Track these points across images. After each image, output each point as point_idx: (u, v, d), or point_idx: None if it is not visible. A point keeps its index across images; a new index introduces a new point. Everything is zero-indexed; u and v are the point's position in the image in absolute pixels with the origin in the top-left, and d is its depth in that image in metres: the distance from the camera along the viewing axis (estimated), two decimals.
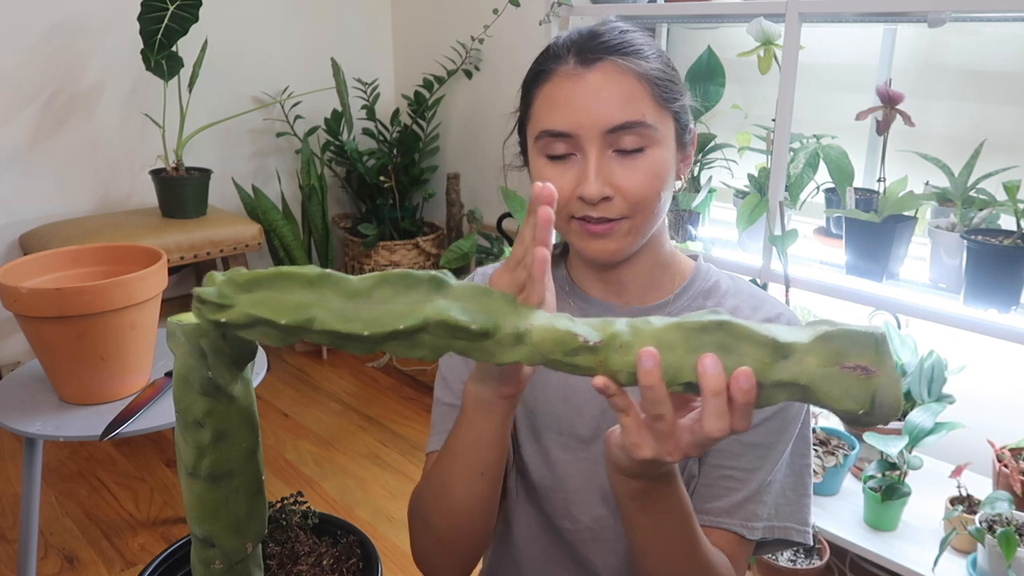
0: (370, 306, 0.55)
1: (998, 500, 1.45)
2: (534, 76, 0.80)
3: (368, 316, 0.54)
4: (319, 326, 0.54)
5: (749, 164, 1.92)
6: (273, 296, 0.55)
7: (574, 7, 2.01)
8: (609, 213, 0.76)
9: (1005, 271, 1.43)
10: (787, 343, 0.53)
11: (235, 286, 0.55)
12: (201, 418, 0.62)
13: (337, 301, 0.55)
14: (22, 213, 2.55)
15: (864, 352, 0.52)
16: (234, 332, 0.56)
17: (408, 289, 0.55)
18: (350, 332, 0.54)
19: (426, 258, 3.03)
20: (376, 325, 0.54)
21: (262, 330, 0.55)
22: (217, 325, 0.55)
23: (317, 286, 0.55)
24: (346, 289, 0.55)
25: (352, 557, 0.81)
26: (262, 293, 0.55)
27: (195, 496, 0.65)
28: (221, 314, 0.55)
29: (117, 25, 2.57)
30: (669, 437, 0.56)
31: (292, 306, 0.54)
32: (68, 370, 1.35)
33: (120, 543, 1.96)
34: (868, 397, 0.51)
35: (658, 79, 0.77)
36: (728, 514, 0.80)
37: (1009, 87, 1.72)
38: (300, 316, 0.54)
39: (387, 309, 0.54)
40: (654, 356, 0.53)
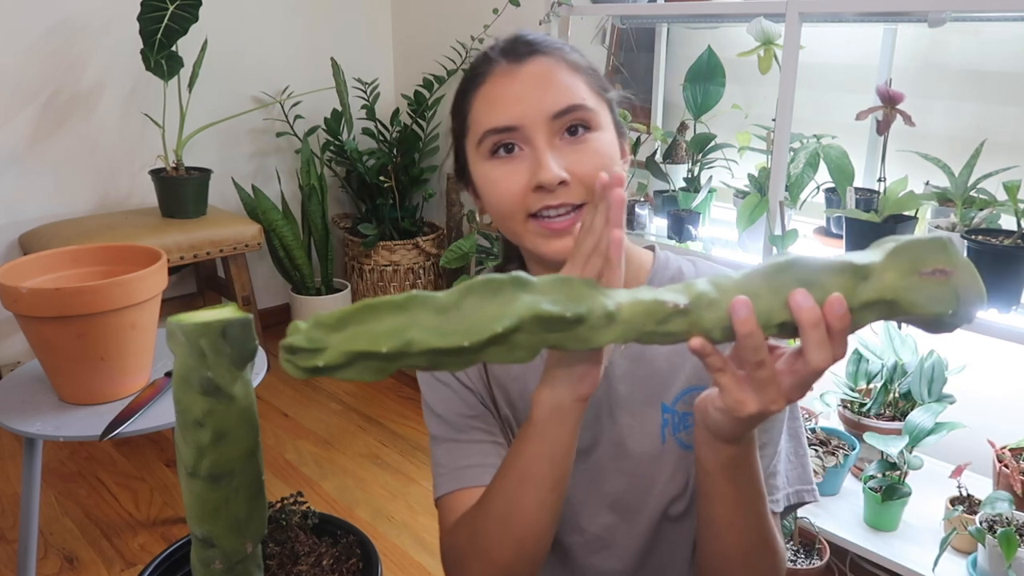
0: (462, 317, 0.54)
1: (998, 500, 1.45)
2: (467, 85, 0.80)
3: (463, 327, 0.54)
4: (418, 347, 0.53)
5: (749, 164, 1.92)
6: (365, 329, 0.54)
7: (574, 7, 2.01)
8: (569, 198, 0.75)
9: (1005, 271, 1.43)
10: (863, 264, 0.54)
11: (324, 328, 0.55)
12: (201, 418, 0.62)
13: (429, 319, 0.54)
14: (22, 213, 2.55)
15: (937, 256, 0.53)
16: (332, 374, 0.55)
17: (493, 294, 0.55)
18: (451, 346, 0.53)
19: (426, 258, 3.03)
20: (474, 334, 0.54)
21: (362, 365, 0.54)
22: (314, 371, 0.54)
23: (406, 309, 0.54)
24: (435, 306, 0.55)
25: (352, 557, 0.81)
26: (353, 329, 0.54)
27: (195, 496, 0.65)
28: (317, 359, 0.54)
29: (117, 25, 2.57)
30: (771, 384, 0.57)
31: (387, 333, 0.54)
32: (68, 370, 1.35)
33: (120, 543, 1.96)
34: (953, 296, 0.53)
35: (588, 69, 0.79)
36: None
37: (1009, 87, 1.72)
38: (399, 341, 0.53)
39: (480, 316, 0.54)
40: (747, 304, 0.54)
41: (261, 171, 3.07)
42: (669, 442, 0.82)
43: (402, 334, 0.53)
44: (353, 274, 3.07)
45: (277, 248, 2.86)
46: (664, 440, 0.82)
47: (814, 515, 1.66)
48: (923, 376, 1.68)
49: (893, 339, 1.77)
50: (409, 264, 3.00)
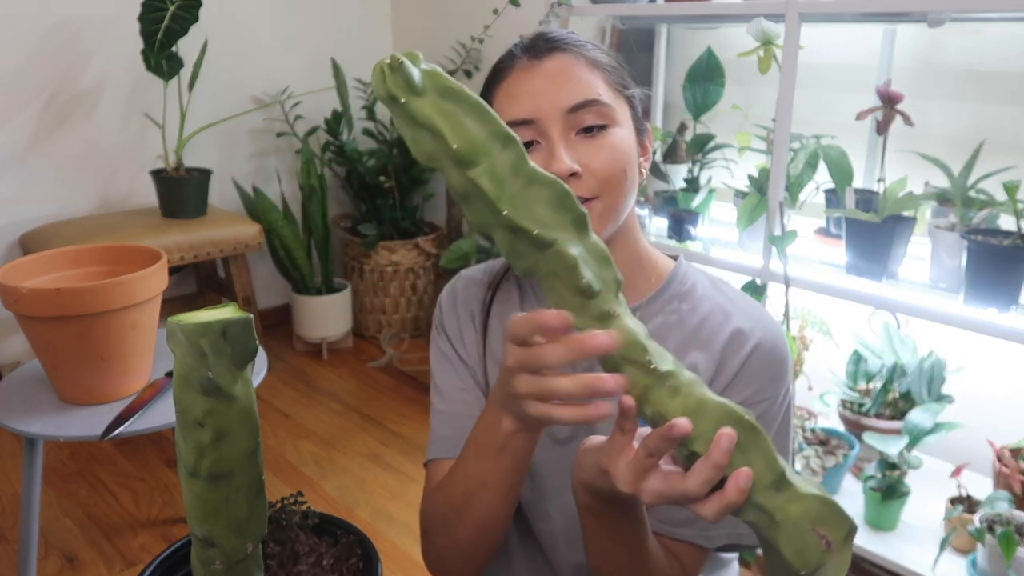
0: (523, 192, 0.55)
1: (998, 500, 1.45)
2: (491, 80, 0.83)
3: (515, 198, 0.55)
4: (473, 174, 0.54)
5: (749, 164, 1.92)
6: (459, 117, 0.54)
7: (574, 7, 2.01)
8: (580, 192, 0.76)
9: (1005, 271, 1.44)
10: (789, 481, 0.55)
11: (433, 83, 0.54)
12: (201, 418, 0.62)
13: (504, 166, 0.55)
14: (22, 213, 2.55)
15: (838, 531, 0.55)
16: (403, 122, 0.54)
17: (557, 206, 0.56)
18: (494, 195, 0.54)
19: (426, 258, 3.03)
20: (516, 210, 0.54)
21: (423, 140, 0.54)
22: (392, 102, 0.53)
23: (498, 141, 0.55)
24: (516, 164, 0.55)
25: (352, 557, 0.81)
26: (451, 106, 0.54)
27: (195, 496, 0.65)
28: (407, 95, 0.53)
29: (117, 25, 2.57)
30: (645, 474, 0.57)
31: (469, 138, 0.54)
32: (68, 370, 1.35)
33: (120, 543, 1.96)
34: (816, 565, 0.54)
35: (608, 66, 0.81)
36: (685, 525, 0.80)
37: (1009, 87, 1.72)
38: (469, 152, 0.53)
39: (533, 206, 0.55)
40: (686, 427, 0.54)
41: (261, 171, 3.08)
42: None
43: (476, 151, 0.54)
44: (353, 274, 3.07)
45: (277, 248, 2.86)
46: None
47: None
48: (923, 376, 1.68)
49: (892, 339, 1.77)
50: (409, 264, 3.00)
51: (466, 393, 0.89)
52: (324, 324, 2.94)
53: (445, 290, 0.96)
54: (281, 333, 3.12)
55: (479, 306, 0.92)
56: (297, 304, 2.94)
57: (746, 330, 0.82)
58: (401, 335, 3.08)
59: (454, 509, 0.78)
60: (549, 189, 0.56)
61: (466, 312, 0.92)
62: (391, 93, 0.53)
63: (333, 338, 2.99)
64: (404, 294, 3.05)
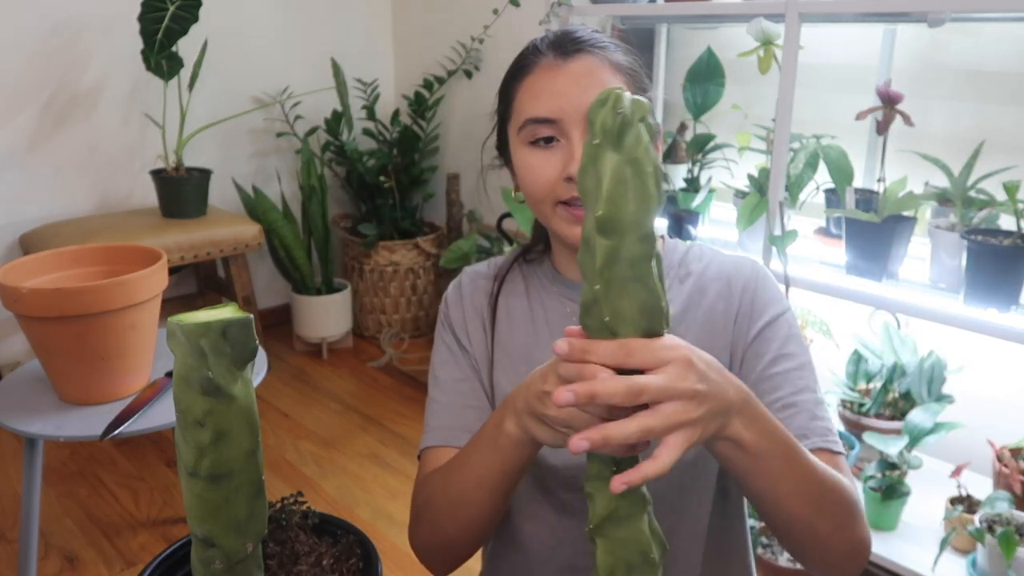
0: (623, 285, 0.57)
1: (998, 500, 1.45)
2: (514, 72, 0.85)
3: (614, 281, 0.57)
4: (600, 240, 0.57)
5: (749, 164, 1.92)
6: (626, 189, 0.57)
7: (574, 7, 2.01)
8: None
9: (1005, 271, 1.44)
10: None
11: (632, 147, 0.56)
12: (201, 418, 0.62)
13: (628, 252, 0.57)
14: (22, 213, 2.55)
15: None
16: (589, 154, 0.57)
17: (643, 312, 0.57)
18: (599, 267, 0.57)
19: (426, 258, 3.03)
20: (607, 290, 0.57)
21: (589, 180, 0.57)
22: (595, 136, 0.56)
23: (637, 233, 0.58)
24: (638, 259, 0.57)
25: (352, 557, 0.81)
26: (630, 172, 0.57)
27: (195, 496, 0.65)
28: (604, 141, 0.56)
29: (117, 25, 2.57)
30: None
31: (618, 214, 0.57)
32: (68, 370, 1.35)
33: (120, 543, 1.96)
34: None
35: (630, 70, 0.84)
36: (804, 436, 0.80)
37: (1009, 87, 1.72)
38: (608, 224, 0.57)
39: (623, 299, 0.57)
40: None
41: (261, 171, 3.08)
42: None
43: (616, 228, 0.57)
44: (353, 274, 3.07)
45: (277, 248, 2.86)
46: None
47: None
48: (923, 376, 1.68)
49: (892, 339, 1.77)
50: (409, 264, 3.00)
51: (464, 383, 0.91)
52: (324, 324, 2.94)
53: (451, 285, 0.98)
54: (281, 333, 3.12)
55: (486, 299, 0.95)
56: (297, 304, 2.94)
57: (737, 270, 0.88)
58: (401, 335, 3.08)
59: (447, 503, 0.80)
60: (647, 295, 0.57)
61: (472, 305, 0.95)
62: (602, 126, 0.56)
63: (333, 338, 2.99)
64: (404, 294, 3.05)
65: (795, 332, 0.86)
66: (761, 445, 0.64)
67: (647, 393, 0.55)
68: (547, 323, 0.92)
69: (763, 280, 0.88)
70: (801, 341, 0.86)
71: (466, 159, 3.13)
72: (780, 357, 0.84)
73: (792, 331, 0.86)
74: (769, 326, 0.85)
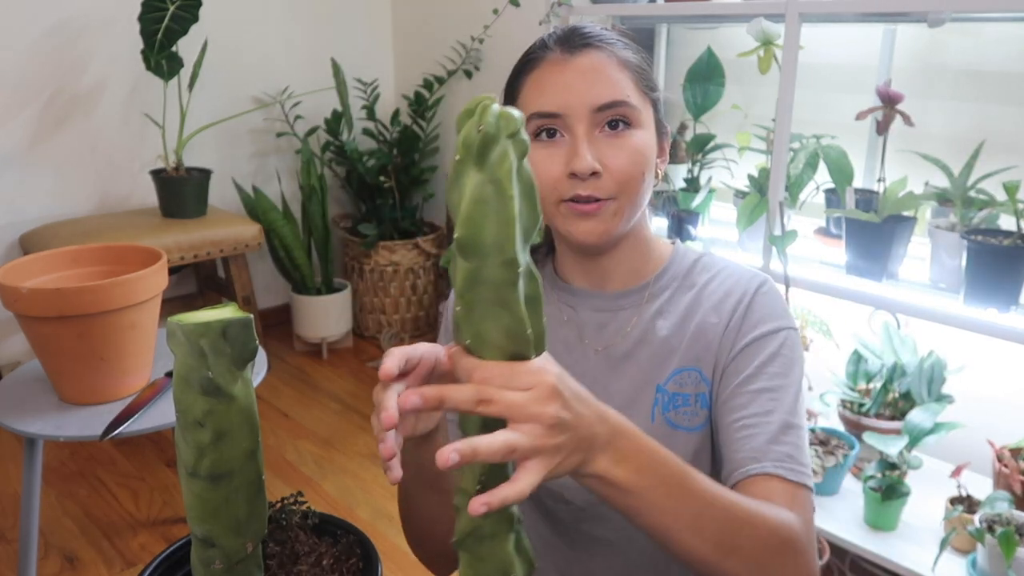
0: (488, 308, 0.55)
1: (998, 500, 1.45)
2: (521, 67, 0.84)
3: (478, 305, 0.55)
4: (461, 263, 0.55)
5: (749, 164, 1.92)
6: (487, 211, 0.53)
7: (574, 7, 2.01)
8: (597, 191, 0.79)
9: (1005, 271, 1.44)
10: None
11: (495, 170, 0.53)
12: (201, 418, 0.62)
13: (491, 277, 0.55)
14: (22, 213, 2.55)
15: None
16: (455, 173, 0.54)
17: (508, 336, 0.55)
18: (460, 292, 0.55)
19: (426, 258, 3.03)
20: (470, 313, 0.55)
21: (452, 199, 0.55)
22: (462, 150, 0.53)
23: (499, 257, 0.54)
24: (502, 287, 0.55)
25: (352, 557, 0.81)
26: (492, 193, 0.54)
27: (195, 496, 0.65)
28: (465, 157, 0.53)
29: (117, 25, 2.57)
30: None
31: (478, 237, 0.54)
32: (68, 370, 1.35)
33: (120, 543, 1.96)
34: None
35: (637, 67, 0.82)
36: (755, 460, 0.75)
37: (1009, 87, 1.72)
38: (469, 247, 0.54)
39: (487, 322, 0.55)
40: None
41: (261, 171, 3.08)
42: (658, 421, 0.84)
43: (477, 250, 0.54)
44: (353, 274, 3.07)
45: (277, 248, 2.86)
46: (653, 419, 0.84)
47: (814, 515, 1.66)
48: (923, 376, 1.68)
49: (893, 339, 1.77)
50: (409, 264, 3.00)
51: None
52: (324, 324, 2.94)
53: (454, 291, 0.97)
54: (281, 333, 3.12)
55: None
56: (297, 304, 2.94)
57: (745, 284, 0.85)
58: (401, 335, 3.08)
59: (400, 497, 0.83)
60: (511, 320, 0.54)
61: None
62: (464, 141, 0.53)
63: (333, 338, 2.99)
64: (404, 294, 3.05)
65: (784, 353, 0.81)
66: (637, 482, 0.59)
67: (495, 405, 0.53)
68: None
69: (762, 296, 0.84)
70: (789, 364, 0.81)
71: None
72: (756, 376, 0.80)
73: (780, 351, 0.81)
74: (755, 343, 0.82)
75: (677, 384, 0.84)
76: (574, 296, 0.90)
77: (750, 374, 0.80)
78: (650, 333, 0.86)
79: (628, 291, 0.88)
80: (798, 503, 0.72)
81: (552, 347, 0.88)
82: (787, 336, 0.82)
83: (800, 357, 0.83)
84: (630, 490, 0.59)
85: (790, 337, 0.83)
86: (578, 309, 0.90)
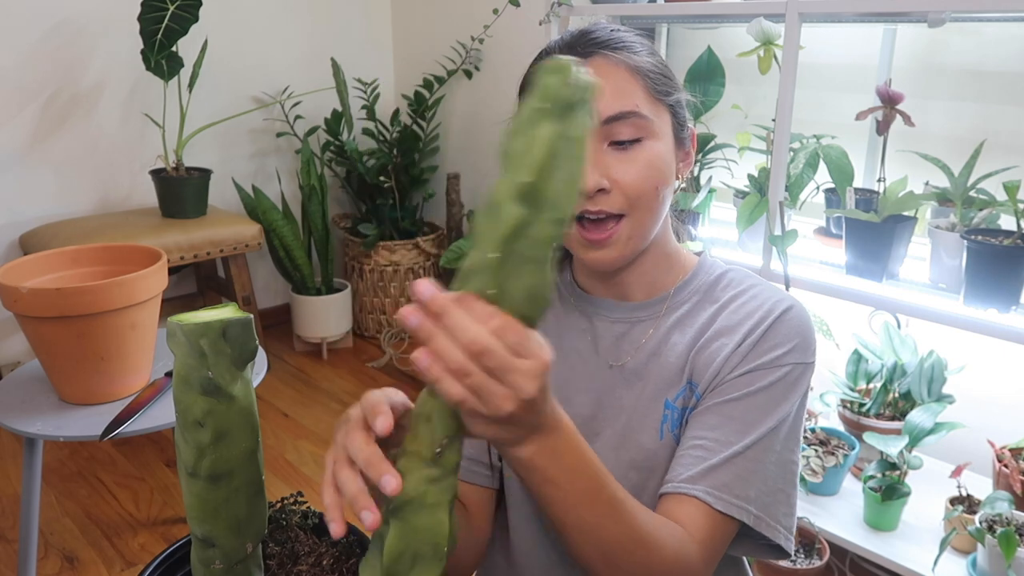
0: (513, 262, 0.53)
1: (998, 500, 1.45)
2: (528, 78, 0.82)
3: (506, 259, 0.53)
4: (503, 208, 0.52)
5: (749, 164, 1.92)
6: (552, 168, 0.52)
7: (574, 7, 2.01)
8: (607, 207, 0.76)
9: (1005, 271, 1.44)
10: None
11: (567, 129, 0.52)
12: (201, 418, 0.62)
13: (526, 233, 0.52)
14: (22, 213, 2.55)
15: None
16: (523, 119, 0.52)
17: (530, 295, 0.53)
18: (491, 236, 0.52)
19: (426, 258, 3.03)
20: (501, 265, 0.53)
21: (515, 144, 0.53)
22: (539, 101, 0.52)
23: (545, 212, 0.53)
24: (533, 241, 0.52)
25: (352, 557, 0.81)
26: (562, 148, 0.52)
27: (195, 496, 0.65)
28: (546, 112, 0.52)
29: (117, 25, 2.57)
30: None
31: (526, 187, 0.52)
32: (68, 370, 1.35)
33: (120, 543, 1.96)
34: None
35: (650, 72, 0.78)
36: (692, 481, 0.74)
37: (1009, 87, 1.72)
38: (518, 193, 0.52)
39: (513, 276, 0.53)
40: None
41: (261, 171, 3.08)
42: (667, 438, 0.83)
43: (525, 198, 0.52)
44: (353, 274, 3.07)
45: (277, 248, 2.86)
46: (662, 436, 0.83)
47: (814, 515, 1.66)
48: (923, 376, 1.68)
49: (893, 339, 1.77)
50: (409, 264, 3.00)
51: None
52: (324, 324, 2.94)
53: None
54: (281, 333, 3.11)
55: None
56: (297, 304, 2.94)
57: (772, 304, 0.81)
58: (401, 335, 3.08)
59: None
60: (538, 281, 0.53)
61: None
62: (552, 92, 0.51)
63: (333, 338, 2.99)
64: (404, 294, 3.05)
65: (777, 388, 0.77)
66: (555, 476, 0.60)
67: (490, 358, 0.50)
68: (560, 337, 0.88)
69: (782, 323, 0.79)
70: (779, 399, 0.77)
71: (466, 159, 3.13)
72: (737, 402, 0.76)
73: (775, 385, 0.76)
74: (756, 371, 0.77)
75: (683, 400, 0.82)
76: (592, 306, 0.88)
77: (733, 398, 0.77)
78: (664, 347, 0.84)
79: (647, 303, 0.86)
80: (716, 536, 0.73)
81: (567, 356, 0.88)
82: (791, 371, 0.78)
83: (801, 393, 0.79)
84: (547, 479, 0.60)
85: (794, 372, 0.78)
86: (595, 319, 0.88)
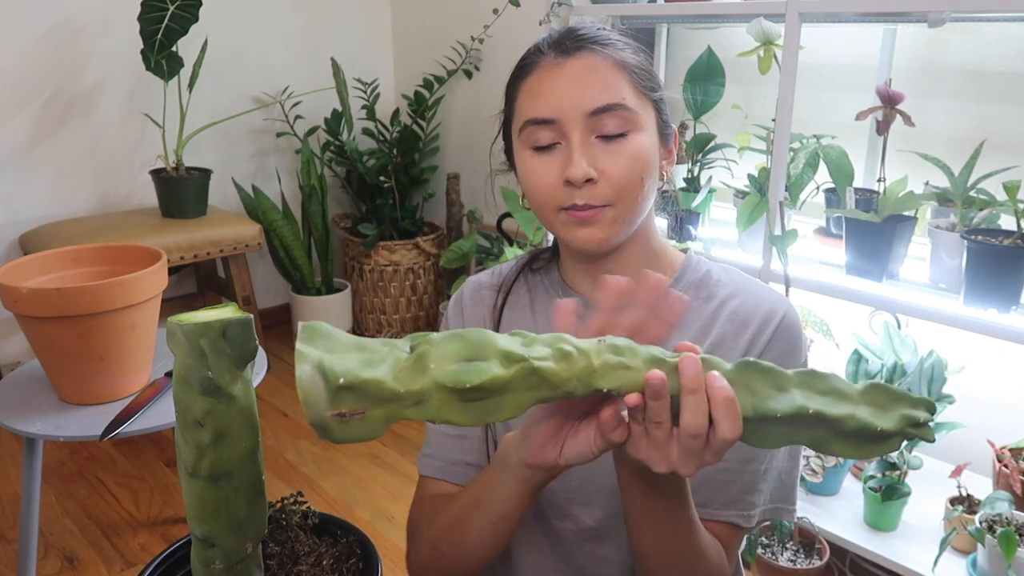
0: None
1: (998, 500, 1.45)
2: (516, 73, 0.83)
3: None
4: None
5: (749, 164, 1.92)
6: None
7: (574, 7, 2.01)
8: (594, 199, 0.77)
9: (1005, 271, 1.44)
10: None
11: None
12: (201, 418, 0.62)
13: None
14: (22, 213, 2.55)
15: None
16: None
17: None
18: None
19: (426, 258, 3.03)
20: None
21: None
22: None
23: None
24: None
25: (352, 557, 0.81)
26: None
27: (195, 496, 0.65)
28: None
29: (117, 25, 2.57)
30: (662, 447, 0.57)
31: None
32: (68, 370, 1.35)
33: (120, 543, 1.96)
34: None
35: (636, 67, 0.80)
36: (726, 507, 0.80)
37: (1009, 87, 1.72)
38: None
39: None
40: (661, 377, 0.55)
41: (261, 171, 3.08)
42: None
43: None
44: (353, 274, 3.07)
45: (277, 248, 2.86)
46: None
47: (814, 515, 1.66)
48: (923, 376, 1.68)
49: (893, 339, 1.77)
50: (409, 264, 3.00)
51: None
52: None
53: (452, 299, 0.96)
54: (281, 333, 3.11)
55: (490, 311, 0.92)
56: (297, 304, 2.94)
57: (771, 309, 0.83)
58: (401, 335, 3.08)
59: (443, 531, 0.79)
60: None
61: (472, 320, 0.92)
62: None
63: None
64: (404, 294, 3.05)
65: None
66: (667, 502, 0.67)
67: (718, 400, 0.55)
68: None
69: (784, 330, 0.82)
70: None
71: (466, 159, 3.13)
72: None
73: None
74: None
75: None
76: (581, 306, 0.88)
77: None
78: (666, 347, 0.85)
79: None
80: (735, 543, 0.82)
81: None
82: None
83: None
84: (658, 499, 0.67)
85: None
86: (584, 319, 0.88)
